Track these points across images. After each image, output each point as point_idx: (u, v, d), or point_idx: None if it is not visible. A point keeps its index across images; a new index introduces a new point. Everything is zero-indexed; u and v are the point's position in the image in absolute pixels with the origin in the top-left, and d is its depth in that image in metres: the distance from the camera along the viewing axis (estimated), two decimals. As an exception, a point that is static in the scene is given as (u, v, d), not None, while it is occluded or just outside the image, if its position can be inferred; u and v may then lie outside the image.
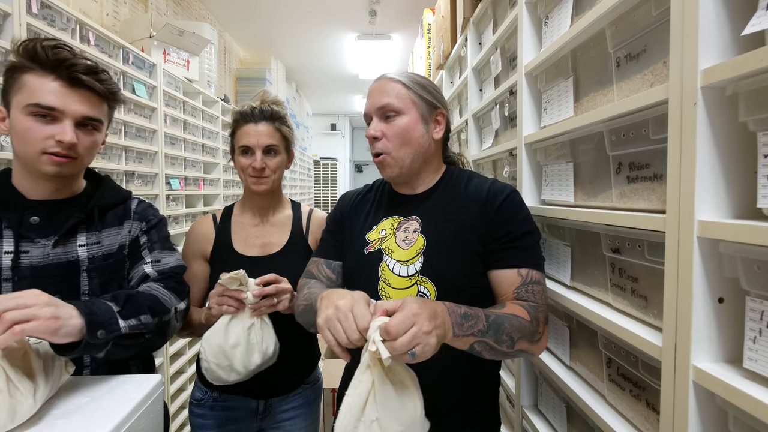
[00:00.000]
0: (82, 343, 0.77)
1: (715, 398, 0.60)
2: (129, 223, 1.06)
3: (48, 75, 0.88)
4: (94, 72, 0.92)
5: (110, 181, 1.10)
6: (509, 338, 0.82)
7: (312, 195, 8.26)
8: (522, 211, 0.96)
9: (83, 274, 0.97)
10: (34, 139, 0.88)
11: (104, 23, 2.33)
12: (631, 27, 0.81)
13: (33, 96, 0.87)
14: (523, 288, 0.90)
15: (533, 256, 0.93)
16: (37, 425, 0.70)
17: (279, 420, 1.29)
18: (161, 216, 1.13)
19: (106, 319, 0.82)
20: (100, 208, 1.02)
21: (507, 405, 1.49)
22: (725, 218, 0.60)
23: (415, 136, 0.98)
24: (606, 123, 0.87)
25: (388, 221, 1.02)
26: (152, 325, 0.91)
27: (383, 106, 0.98)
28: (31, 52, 0.87)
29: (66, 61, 0.88)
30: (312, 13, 4.06)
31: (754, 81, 0.55)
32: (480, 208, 0.95)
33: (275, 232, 1.31)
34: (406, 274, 0.95)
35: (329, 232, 1.13)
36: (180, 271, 1.08)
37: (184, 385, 2.56)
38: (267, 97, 1.31)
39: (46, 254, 0.93)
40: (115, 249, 1.02)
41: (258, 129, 1.24)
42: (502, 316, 0.83)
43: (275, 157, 1.26)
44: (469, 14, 1.90)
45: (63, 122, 0.89)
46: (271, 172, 1.25)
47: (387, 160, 0.99)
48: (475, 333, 0.79)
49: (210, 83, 3.18)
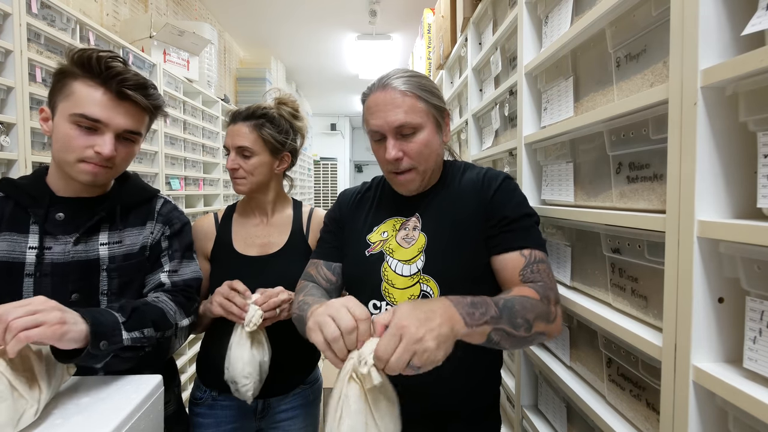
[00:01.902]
0: (84, 351, 0.77)
1: (715, 398, 0.60)
2: (152, 224, 1.05)
3: (98, 87, 0.89)
4: (143, 87, 0.94)
5: (137, 179, 1.10)
6: (525, 321, 0.78)
7: (312, 195, 8.26)
8: (517, 194, 0.96)
9: (103, 274, 0.97)
10: (75, 147, 0.90)
11: (104, 23, 2.33)
12: (631, 27, 0.81)
13: (79, 105, 0.88)
14: (528, 269, 0.88)
15: (534, 236, 0.92)
16: (38, 425, 0.70)
17: (278, 420, 1.29)
18: (185, 220, 1.12)
19: (110, 331, 0.82)
20: (124, 207, 1.02)
21: (507, 405, 1.49)
22: (725, 218, 0.60)
23: (435, 148, 0.96)
24: (606, 123, 0.87)
25: (389, 222, 1.02)
26: (154, 339, 0.91)
27: (402, 125, 0.91)
28: (85, 62, 0.89)
29: (118, 75, 0.90)
30: (312, 13, 4.06)
31: (754, 81, 0.55)
32: (476, 197, 0.95)
33: (275, 232, 1.31)
34: (408, 273, 0.95)
35: (329, 232, 1.11)
36: (194, 284, 1.08)
37: (184, 385, 2.56)
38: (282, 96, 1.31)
39: (66, 251, 0.93)
40: (137, 249, 1.02)
41: (234, 129, 1.24)
42: (512, 299, 0.79)
43: (250, 159, 1.23)
44: (469, 14, 1.90)
45: (104, 134, 0.91)
46: (246, 173, 1.24)
47: (412, 176, 0.95)
48: (489, 320, 0.73)
49: (210, 83, 3.18)
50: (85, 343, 0.77)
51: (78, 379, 0.86)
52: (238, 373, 1.08)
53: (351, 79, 6.28)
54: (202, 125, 2.87)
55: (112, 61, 0.91)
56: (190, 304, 1.05)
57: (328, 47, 5.05)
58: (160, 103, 1.00)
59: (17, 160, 1.37)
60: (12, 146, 1.37)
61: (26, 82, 1.40)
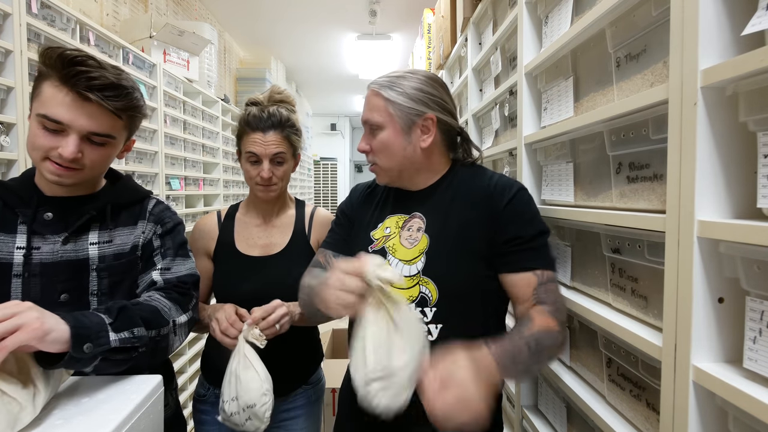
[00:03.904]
0: (66, 355, 0.74)
1: (715, 398, 0.60)
2: (143, 224, 1.04)
3: (61, 87, 0.86)
4: (112, 88, 0.89)
5: (129, 180, 1.08)
6: (548, 357, 0.85)
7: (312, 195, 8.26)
8: (531, 209, 0.95)
9: (92, 273, 0.95)
10: (39, 146, 0.88)
11: (104, 23, 2.33)
12: (631, 27, 0.81)
13: (44, 106, 0.86)
14: (541, 289, 0.90)
15: (546, 256, 0.93)
16: (37, 426, 0.70)
17: (280, 419, 1.29)
18: (178, 219, 1.10)
19: (95, 332, 0.78)
20: (115, 206, 1.00)
21: (507, 405, 1.49)
22: (725, 218, 0.60)
23: (396, 149, 0.97)
24: (606, 123, 0.87)
25: (393, 219, 1.02)
26: (146, 338, 0.87)
27: (366, 121, 1.00)
28: (49, 61, 0.86)
29: (82, 75, 0.86)
30: (312, 13, 4.06)
31: (754, 81, 0.55)
32: (486, 205, 0.94)
33: (277, 233, 1.31)
34: (408, 273, 0.95)
35: (339, 224, 1.14)
36: (189, 280, 1.04)
37: (184, 385, 2.56)
38: (276, 91, 1.28)
39: (55, 251, 0.92)
40: (128, 249, 1.00)
41: (266, 138, 1.21)
42: (540, 337, 0.82)
43: (283, 165, 1.25)
44: (469, 14, 1.90)
45: (68, 136, 0.88)
46: (278, 180, 1.24)
47: (377, 170, 1.03)
48: (520, 369, 0.80)
49: (210, 83, 3.18)
50: (68, 347, 0.74)
51: (78, 379, 0.85)
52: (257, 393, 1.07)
53: (351, 79, 6.28)
54: (202, 125, 2.87)
55: (76, 60, 0.86)
56: (186, 300, 1.02)
57: (328, 47, 5.05)
58: (133, 104, 0.94)
59: (17, 160, 1.37)
60: (12, 146, 1.37)
61: (26, 82, 1.40)
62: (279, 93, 1.29)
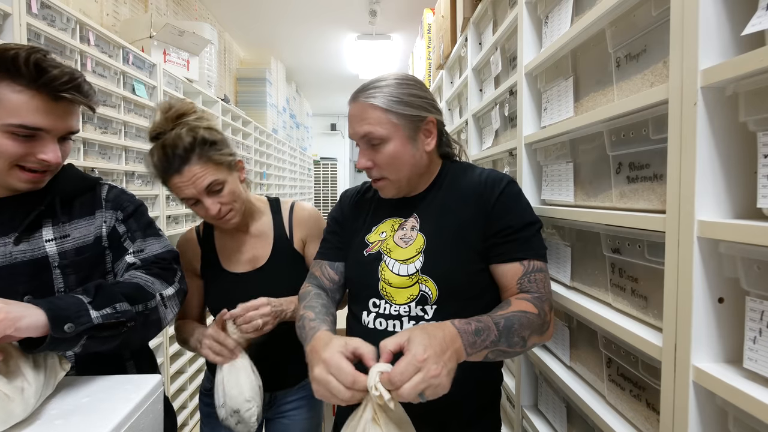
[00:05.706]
0: (48, 337, 0.73)
1: (715, 398, 0.60)
2: (101, 213, 0.99)
3: (27, 89, 0.80)
4: (73, 80, 0.85)
5: (73, 169, 1.02)
6: (521, 339, 0.82)
7: (312, 195, 8.26)
8: (521, 201, 0.96)
9: (56, 271, 0.92)
10: (10, 155, 0.82)
11: (104, 23, 2.34)
12: (631, 27, 0.81)
13: (14, 115, 0.80)
14: (525, 278, 0.90)
15: (534, 246, 0.93)
16: (36, 425, 0.70)
17: (283, 411, 1.32)
18: (138, 202, 1.04)
19: (74, 312, 0.76)
20: (63, 198, 0.95)
21: (507, 405, 1.49)
22: (725, 218, 0.60)
23: (406, 159, 0.95)
24: (606, 123, 0.87)
25: (388, 223, 1.02)
26: (132, 313, 0.85)
27: (365, 135, 0.94)
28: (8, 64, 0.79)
29: (46, 72, 0.81)
30: (312, 13, 4.06)
31: (754, 81, 0.55)
32: (477, 199, 0.95)
33: (259, 244, 1.28)
34: (406, 273, 0.95)
35: (331, 232, 1.12)
36: (167, 256, 1.00)
37: (184, 385, 2.56)
38: (164, 109, 1.11)
39: (7, 253, 0.88)
40: (91, 241, 0.96)
41: (187, 178, 1.06)
42: (511, 317, 0.82)
43: (224, 189, 1.12)
44: (469, 14, 1.90)
45: (46, 141, 0.84)
46: (229, 205, 1.13)
47: (386, 184, 0.98)
48: (488, 345, 0.79)
49: (210, 83, 3.18)
50: (47, 329, 0.73)
51: (77, 378, 0.86)
52: (239, 398, 1.08)
53: (351, 79, 6.28)
54: (202, 125, 2.87)
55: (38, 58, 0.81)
56: (169, 273, 0.99)
57: (328, 47, 5.06)
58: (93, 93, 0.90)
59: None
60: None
61: (26, 82, 1.40)
62: (168, 109, 1.11)
